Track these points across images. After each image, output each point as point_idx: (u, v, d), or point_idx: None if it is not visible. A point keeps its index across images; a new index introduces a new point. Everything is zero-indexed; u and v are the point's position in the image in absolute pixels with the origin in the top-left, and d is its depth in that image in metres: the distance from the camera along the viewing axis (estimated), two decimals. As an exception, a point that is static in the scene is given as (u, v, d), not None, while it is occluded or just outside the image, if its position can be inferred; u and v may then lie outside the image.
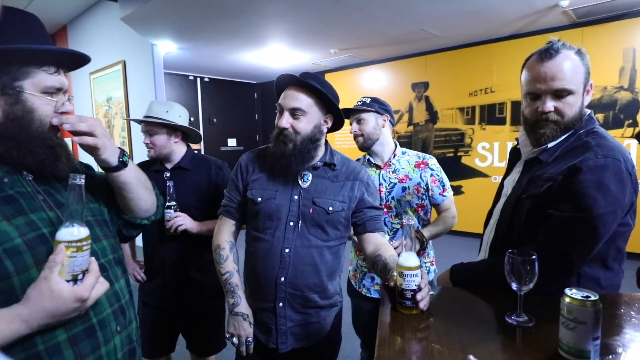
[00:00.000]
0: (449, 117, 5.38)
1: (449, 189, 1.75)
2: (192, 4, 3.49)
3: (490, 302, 1.06)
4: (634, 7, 3.90)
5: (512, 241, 1.12)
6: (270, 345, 1.27)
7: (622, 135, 4.18)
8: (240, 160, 1.36)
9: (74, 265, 0.71)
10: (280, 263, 1.23)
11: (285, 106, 1.23)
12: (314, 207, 1.25)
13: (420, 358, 0.80)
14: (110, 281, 0.88)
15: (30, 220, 0.76)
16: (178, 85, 6.54)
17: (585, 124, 1.11)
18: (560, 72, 1.06)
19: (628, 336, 0.82)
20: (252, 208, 1.28)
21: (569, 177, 1.02)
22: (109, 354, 0.82)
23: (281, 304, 1.25)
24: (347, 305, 3.07)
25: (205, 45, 4.89)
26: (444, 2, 3.63)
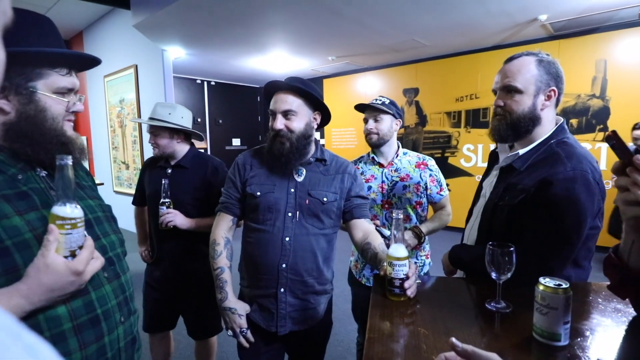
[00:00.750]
0: (437, 120, 5.39)
1: (445, 189, 1.75)
2: (200, 13, 3.47)
3: (472, 290, 1.07)
4: (606, 22, 3.92)
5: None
6: (270, 329, 1.27)
7: (594, 139, 4.21)
8: (237, 160, 1.36)
9: (71, 241, 0.70)
10: (281, 251, 1.24)
11: (278, 110, 1.24)
12: (309, 198, 1.27)
13: (407, 340, 0.81)
14: (118, 274, 0.87)
15: (42, 215, 0.74)
16: (186, 89, 6.51)
17: (556, 134, 1.10)
18: (511, 71, 1.10)
19: (595, 321, 0.83)
20: (252, 202, 1.28)
21: (541, 189, 1.01)
22: (112, 342, 0.80)
23: (282, 289, 1.26)
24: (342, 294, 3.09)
25: (212, 51, 4.87)
26: (434, 15, 3.64)
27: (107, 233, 0.89)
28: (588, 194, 0.98)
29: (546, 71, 1.09)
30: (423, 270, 1.73)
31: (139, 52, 4.71)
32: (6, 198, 0.71)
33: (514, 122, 1.11)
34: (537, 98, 1.09)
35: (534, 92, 1.09)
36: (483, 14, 3.64)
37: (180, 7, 3.31)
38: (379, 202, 1.70)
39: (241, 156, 1.36)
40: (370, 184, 1.71)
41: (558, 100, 1.12)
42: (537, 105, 1.09)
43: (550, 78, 1.09)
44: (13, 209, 0.71)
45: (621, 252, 0.79)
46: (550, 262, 1.00)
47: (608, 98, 4.12)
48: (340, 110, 6.46)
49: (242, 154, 1.38)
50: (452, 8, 3.46)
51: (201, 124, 6.74)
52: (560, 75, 1.11)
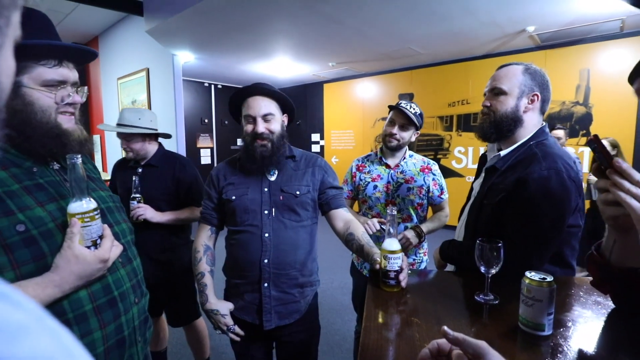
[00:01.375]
0: (431, 124, 5.39)
1: (446, 192, 1.74)
2: (209, 20, 3.47)
3: (462, 283, 1.07)
4: (589, 34, 3.92)
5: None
6: (255, 322, 1.25)
7: (577, 143, 4.21)
8: (211, 174, 1.34)
9: (91, 232, 0.72)
10: (262, 247, 1.22)
11: (257, 114, 1.21)
12: (282, 194, 1.26)
13: (401, 329, 0.82)
14: (130, 259, 0.88)
15: (60, 206, 0.75)
16: (194, 91, 6.50)
17: (536, 136, 1.11)
18: (499, 76, 1.14)
19: (577, 312, 0.84)
20: (229, 206, 1.27)
21: (518, 188, 1.02)
22: (128, 321, 0.82)
23: (266, 284, 1.23)
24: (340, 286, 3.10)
25: (220, 56, 4.86)
26: (428, 25, 3.64)
27: (118, 221, 0.90)
28: (562, 192, 0.98)
29: (531, 78, 1.11)
30: (421, 266, 1.74)
31: (150, 56, 4.70)
32: (27, 190, 0.72)
33: (497, 121, 1.13)
34: (520, 100, 1.11)
35: (518, 94, 1.11)
36: (474, 25, 3.64)
37: (190, 14, 3.30)
38: (382, 202, 1.69)
39: (214, 170, 1.35)
40: (376, 183, 1.70)
41: (543, 106, 1.13)
42: (520, 107, 1.11)
43: (534, 84, 1.11)
44: (34, 201, 0.72)
45: (603, 250, 0.79)
46: (530, 258, 1.00)
47: (591, 105, 4.12)
48: (339, 113, 6.46)
49: (215, 167, 1.36)
50: (446, 19, 3.46)
51: (208, 124, 6.73)
52: (546, 83, 1.12)
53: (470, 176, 5.03)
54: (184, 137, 4.71)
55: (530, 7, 3.19)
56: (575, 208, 1.02)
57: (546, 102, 1.13)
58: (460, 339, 0.58)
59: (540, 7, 3.17)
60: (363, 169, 1.77)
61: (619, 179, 0.63)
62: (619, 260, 0.76)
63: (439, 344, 0.61)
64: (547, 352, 0.70)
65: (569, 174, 0.99)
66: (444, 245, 1.26)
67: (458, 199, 1.36)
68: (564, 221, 1.00)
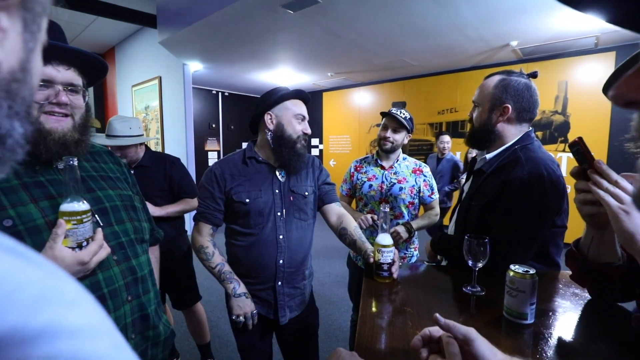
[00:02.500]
0: (422, 130, 5.40)
1: (436, 193, 1.75)
2: (217, 33, 3.47)
3: (451, 276, 1.07)
4: (567, 49, 3.95)
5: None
6: (270, 317, 1.23)
7: (556, 149, 4.24)
8: (214, 172, 1.20)
9: (77, 234, 0.68)
10: (277, 249, 1.19)
11: (307, 117, 1.21)
12: (292, 194, 1.22)
13: (394, 316, 0.82)
14: (128, 257, 0.82)
15: (56, 203, 0.70)
16: (203, 98, 6.50)
17: (521, 140, 1.08)
18: (477, 89, 1.14)
19: (557, 303, 0.84)
20: (241, 209, 1.18)
21: (502, 191, 1.00)
22: (118, 318, 0.77)
23: (280, 282, 1.21)
24: (337, 279, 3.09)
25: (227, 66, 4.86)
26: (420, 39, 3.65)
27: (122, 220, 0.84)
28: (543, 193, 0.96)
29: (503, 90, 1.07)
30: (411, 260, 1.74)
31: (163, 65, 4.70)
32: (25, 186, 0.69)
33: (473, 132, 1.14)
34: (491, 113, 1.09)
35: (489, 107, 1.09)
36: (462, 40, 3.65)
37: (200, 27, 3.30)
38: (377, 199, 1.71)
39: (216, 169, 1.21)
40: (372, 183, 1.72)
41: (523, 115, 1.08)
42: (492, 119, 1.09)
43: (507, 97, 1.06)
44: (29, 197, 0.68)
45: (582, 246, 0.80)
46: (512, 257, 0.98)
47: (568, 114, 4.15)
48: (337, 119, 6.47)
49: (216, 165, 1.23)
50: (436, 34, 3.47)
51: (215, 129, 6.73)
52: (521, 94, 1.06)
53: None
54: (192, 140, 4.70)
55: (514, 24, 3.21)
56: (560, 209, 1.00)
57: (526, 111, 1.08)
58: (451, 325, 0.58)
59: (523, 24, 3.19)
60: (360, 169, 1.80)
61: (599, 179, 0.64)
62: (596, 256, 0.76)
63: (430, 331, 0.61)
64: (529, 339, 0.70)
65: (551, 177, 0.96)
66: (436, 237, 1.26)
67: (447, 199, 1.37)
68: (544, 222, 0.98)
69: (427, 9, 2.85)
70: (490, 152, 1.13)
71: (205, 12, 3.07)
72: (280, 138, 1.17)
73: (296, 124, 1.18)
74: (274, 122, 1.18)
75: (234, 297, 1.15)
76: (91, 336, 0.17)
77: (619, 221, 0.59)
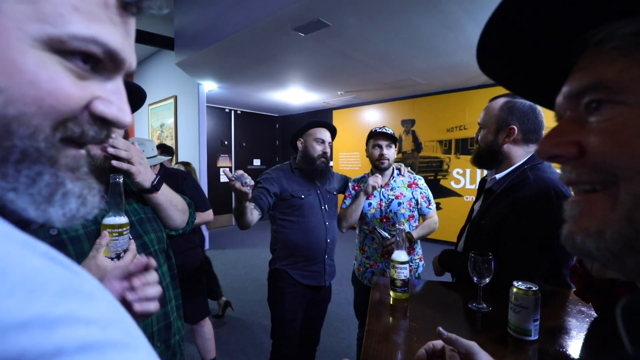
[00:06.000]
0: (431, 147, 5.43)
1: (433, 203, 1.78)
2: (232, 55, 3.63)
3: (457, 293, 1.09)
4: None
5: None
6: (321, 284, 1.65)
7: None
8: (271, 175, 1.59)
9: (117, 246, 0.73)
10: (326, 231, 1.62)
11: (326, 140, 1.64)
12: (329, 194, 1.70)
13: (400, 331, 0.84)
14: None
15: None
16: (216, 116, 6.69)
17: (530, 160, 1.09)
18: (483, 111, 1.17)
19: (562, 320, 0.85)
20: (298, 202, 1.57)
21: (511, 212, 1.01)
22: (146, 327, 0.81)
23: (327, 256, 1.64)
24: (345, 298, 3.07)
25: (240, 85, 5.02)
26: (428, 59, 3.74)
27: (147, 231, 0.89)
28: (550, 216, 0.96)
29: (508, 112, 1.09)
30: (418, 270, 1.75)
31: (178, 85, 4.90)
32: None
33: (479, 153, 1.16)
34: (498, 134, 1.11)
35: (495, 129, 1.11)
36: (469, 59, 3.72)
37: (215, 49, 3.47)
38: (377, 217, 1.73)
39: (273, 173, 1.61)
40: (370, 201, 1.74)
41: (529, 136, 1.10)
42: (498, 140, 1.11)
43: (512, 118, 1.09)
44: None
45: (585, 262, 0.81)
46: (519, 274, 0.96)
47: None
48: (347, 137, 6.55)
49: (271, 171, 1.62)
50: (444, 53, 3.56)
51: (227, 146, 6.89)
52: (526, 115, 1.08)
53: (468, 196, 5.00)
54: (205, 157, 4.84)
55: (521, 43, 3.27)
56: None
57: (532, 132, 1.10)
58: (453, 338, 0.61)
59: (530, 43, 3.25)
60: (358, 189, 1.81)
61: None
62: (599, 272, 0.78)
63: (434, 344, 0.63)
64: (533, 356, 0.71)
65: (559, 197, 0.96)
66: (444, 254, 1.27)
67: (457, 217, 1.40)
68: (551, 241, 0.97)
69: (435, 29, 2.94)
70: (499, 172, 1.14)
71: (221, 36, 3.24)
72: (306, 157, 1.62)
73: (316, 146, 1.62)
74: (302, 145, 1.64)
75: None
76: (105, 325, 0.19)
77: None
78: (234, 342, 2.45)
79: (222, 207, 6.65)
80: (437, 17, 2.70)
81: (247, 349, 2.38)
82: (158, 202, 0.93)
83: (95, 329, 0.19)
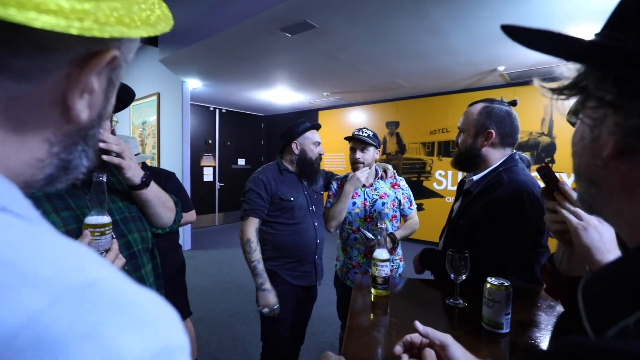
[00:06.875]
0: (414, 149, 5.53)
1: (414, 204, 1.82)
2: (217, 52, 3.60)
3: (436, 290, 1.13)
4: (551, 75, 4.10)
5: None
6: (312, 284, 1.67)
7: (545, 169, 4.35)
8: (261, 178, 1.56)
9: (99, 245, 0.72)
10: (315, 232, 1.64)
11: (320, 141, 1.67)
12: (315, 194, 1.72)
13: (380, 326, 0.87)
14: (138, 267, 0.87)
15: (75, 214, 0.75)
16: (200, 115, 6.60)
17: (505, 162, 1.13)
18: (462, 116, 1.21)
19: (532, 314, 0.90)
20: (288, 205, 1.57)
21: (485, 213, 1.06)
22: None
23: (317, 256, 1.66)
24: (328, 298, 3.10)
25: (225, 84, 4.97)
26: (413, 62, 3.82)
27: (132, 231, 0.88)
28: (523, 213, 1.00)
29: (486, 117, 1.13)
30: (399, 271, 1.78)
31: (162, 82, 4.81)
32: (48, 197, 0.74)
33: (459, 156, 1.20)
34: (476, 138, 1.15)
35: (474, 133, 1.15)
36: (452, 64, 3.83)
37: (200, 46, 3.43)
38: (361, 216, 1.75)
39: (262, 176, 1.57)
40: (355, 200, 1.76)
41: (506, 139, 1.14)
42: (477, 144, 1.15)
43: (490, 122, 1.13)
44: (51, 207, 0.73)
45: (554, 260, 0.86)
46: (495, 271, 1.00)
47: (554, 136, 4.30)
48: (332, 137, 6.59)
49: (260, 174, 1.59)
50: (428, 58, 3.64)
51: (211, 145, 6.80)
52: (503, 119, 1.12)
53: (450, 197, 5.12)
54: (189, 156, 4.76)
55: (500, 50, 3.39)
56: (541, 229, 1.04)
57: (508, 136, 1.14)
58: (429, 331, 0.64)
59: (509, 50, 3.37)
60: (342, 188, 1.81)
61: (562, 199, 0.71)
62: (567, 269, 0.82)
63: (411, 337, 0.66)
64: (505, 348, 0.75)
65: (530, 198, 1.00)
66: (424, 252, 1.31)
67: (439, 218, 1.45)
68: (524, 240, 1.02)
69: (419, 34, 3.01)
70: (477, 174, 1.18)
71: (207, 33, 3.20)
72: (304, 159, 1.62)
73: (314, 149, 1.65)
74: (299, 149, 1.63)
75: (260, 290, 1.48)
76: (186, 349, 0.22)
77: (577, 236, 0.66)
78: (216, 343, 2.43)
79: (205, 207, 6.55)
80: (421, 22, 2.76)
81: (230, 350, 2.36)
82: (147, 198, 0.92)
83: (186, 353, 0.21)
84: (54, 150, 0.27)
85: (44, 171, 0.27)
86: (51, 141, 0.26)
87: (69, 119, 0.26)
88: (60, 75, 0.24)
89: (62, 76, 0.24)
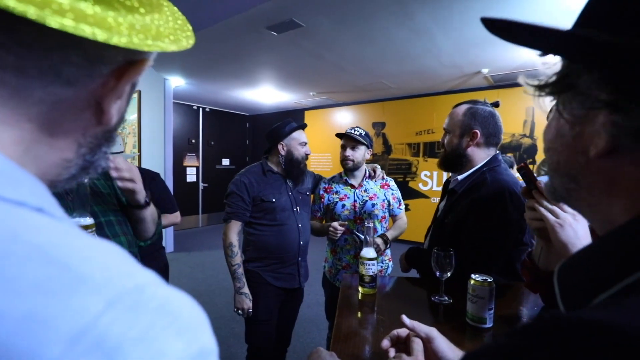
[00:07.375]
0: (400, 150, 5.61)
1: (402, 204, 1.85)
2: (200, 50, 3.55)
3: (422, 287, 1.15)
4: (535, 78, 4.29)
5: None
6: (295, 286, 1.66)
7: (526, 170, 4.50)
8: (243, 180, 1.56)
9: None
10: (298, 233, 1.63)
11: (307, 142, 1.65)
12: (301, 195, 1.70)
13: (368, 323, 0.88)
14: None
15: None
16: (183, 113, 6.49)
17: (489, 163, 1.18)
18: (447, 117, 1.25)
19: (514, 309, 0.94)
20: (270, 206, 1.56)
21: (469, 212, 1.09)
22: None
23: (300, 258, 1.65)
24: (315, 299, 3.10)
25: (209, 82, 4.92)
26: (398, 64, 3.88)
27: (117, 234, 0.88)
28: (505, 212, 1.04)
29: (471, 118, 1.17)
30: (387, 271, 1.81)
31: (143, 80, 4.68)
32: None
33: (445, 156, 1.24)
34: (462, 138, 1.19)
35: (459, 133, 1.19)
36: (437, 65, 3.91)
37: (184, 44, 3.37)
38: (352, 218, 1.75)
39: (243, 178, 1.57)
40: (344, 202, 1.76)
41: (490, 139, 1.18)
42: (462, 144, 1.19)
43: (475, 123, 1.16)
44: None
45: (533, 256, 0.90)
46: (479, 268, 1.02)
47: (536, 137, 4.46)
48: (319, 138, 6.61)
49: (243, 176, 1.59)
50: (413, 59, 3.71)
51: (195, 144, 6.70)
52: (487, 120, 1.16)
53: (435, 197, 5.22)
54: (171, 156, 4.68)
55: (485, 53, 3.49)
56: (522, 227, 1.07)
57: (492, 136, 1.18)
58: (416, 325, 0.66)
59: (493, 53, 3.48)
60: (330, 190, 1.82)
61: (540, 198, 0.74)
62: (546, 265, 0.86)
63: (398, 332, 0.68)
64: (489, 342, 0.78)
65: (512, 197, 1.03)
66: (410, 251, 1.33)
67: (425, 218, 1.48)
68: (506, 237, 1.05)
69: (405, 35, 3.06)
70: (461, 174, 1.22)
71: (190, 30, 3.16)
72: (290, 160, 1.61)
73: (300, 149, 1.63)
74: (285, 150, 1.61)
75: (237, 293, 1.51)
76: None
77: (554, 233, 0.69)
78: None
79: (189, 208, 6.45)
80: (406, 24, 2.81)
81: (214, 353, 2.34)
82: (144, 216, 0.92)
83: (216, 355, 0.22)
84: (81, 151, 0.29)
85: (69, 171, 0.29)
86: (80, 142, 0.28)
87: (100, 122, 0.28)
88: (101, 82, 0.27)
89: (102, 82, 0.27)
